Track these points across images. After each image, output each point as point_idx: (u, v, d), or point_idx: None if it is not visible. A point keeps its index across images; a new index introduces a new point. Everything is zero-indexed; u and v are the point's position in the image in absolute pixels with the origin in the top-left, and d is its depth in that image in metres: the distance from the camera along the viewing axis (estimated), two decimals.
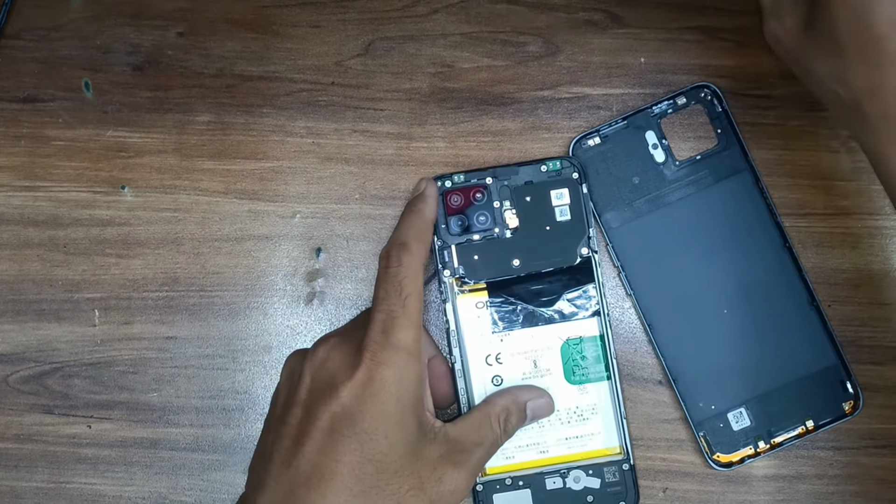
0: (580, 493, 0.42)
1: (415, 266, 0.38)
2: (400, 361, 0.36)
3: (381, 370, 0.35)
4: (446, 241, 0.43)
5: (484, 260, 0.43)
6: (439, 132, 0.45)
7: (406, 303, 0.37)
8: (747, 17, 0.44)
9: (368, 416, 0.35)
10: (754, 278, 0.43)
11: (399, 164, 0.45)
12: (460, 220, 0.43)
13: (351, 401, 0.35)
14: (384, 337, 0.36)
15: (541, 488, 0.42)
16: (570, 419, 0.43)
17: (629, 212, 0.44)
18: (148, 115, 0.45)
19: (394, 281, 0.37)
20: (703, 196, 0.43)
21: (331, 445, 0.35)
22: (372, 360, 0.35)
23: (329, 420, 0.35)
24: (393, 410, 0.35)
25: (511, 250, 0.43)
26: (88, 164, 0.45)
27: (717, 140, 0.44)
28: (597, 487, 0.42)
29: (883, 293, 0.44)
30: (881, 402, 0.43)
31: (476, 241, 0.43)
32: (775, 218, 0.43)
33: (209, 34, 0.46)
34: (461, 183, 0.43)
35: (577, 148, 0.44)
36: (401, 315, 0.37)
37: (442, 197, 0.43)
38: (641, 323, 0.43)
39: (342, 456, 0.34)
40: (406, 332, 0.36)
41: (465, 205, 0.43)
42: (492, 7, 0.45)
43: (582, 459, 0.42)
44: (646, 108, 0.44)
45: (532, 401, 0.41)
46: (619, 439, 0.42)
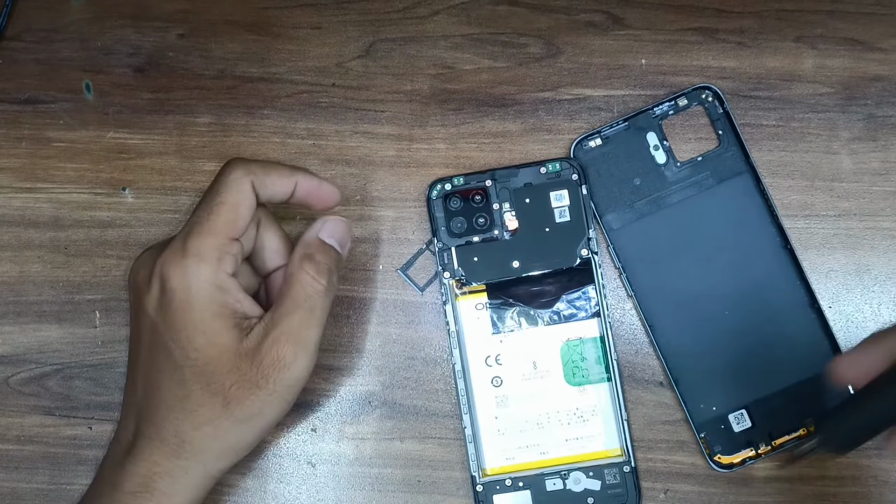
0: (580, 495, 0.42)
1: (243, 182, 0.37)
2: (189, 269, 0.35)
3: (171, 280, 0.35)
4: (446, 243, 0.43)
5: (484, 262, 0.43)
6: (440, 134, 0.45)
7: (214, 209, 0.36)
8: (748, 18, 0.45)
9: (168, 326, 0.36)
10: (755, 280, 0.43)
11: (400, 165, 0.45)
12: (460, 222, 0.43)
13: (153, 313, 0.36)
14: (181, 244, 0.36)
15: (541, 490, 0.42)
16: (571, 420, 0.43)
17: (630, 213, 0.44)
18: (149, 116, 0.45)
19: (214, 187, 0.37)
20: (705, 197, 0.43)
21: (152, 360, 0.36)
22: (162, 270, 0.36)
23: (147, 335, 0.37)
24: (189, 318, 0.35)
25: (511, 252, 0.43)
26: (89, 166, 0.45)
27: (719, 141, 0.44)
28: (597, 489, 0.42)
29: (883, 295, 0.44)
30: None
31: (476, 242, 0.43)
32: (776, 219, 0.43)
33: (210, 36, 0.46)
34: (461, 186, 0.43)
35: (578, 149, 0.44)
36: (204, 221, 0.36)
37: (442, 200, 0.43)
38: (643, 324, 0.43)
39: (161, 365, 0.36)
40: (202, 240, 0.36)
41: (464, 207, 0.43)
42: (492, 9, 0.45)
43: (582, 461, 0.42)
44: (647, 109, 0.44)
45: (322, 230, 0.39)
46: (620, 441, 0.42)
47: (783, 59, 0.44)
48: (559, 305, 0.43)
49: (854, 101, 0.44)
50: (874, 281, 0.44)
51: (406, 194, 0.45)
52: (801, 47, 0.44)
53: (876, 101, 0.44)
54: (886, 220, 0.44)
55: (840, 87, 0.44)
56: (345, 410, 0.44)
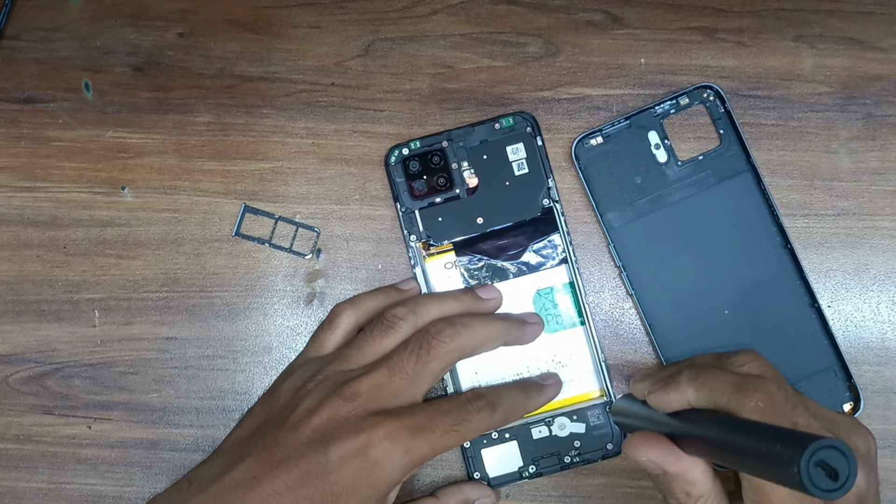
0: (567, 440, 0.43)
1: None
2: (397, 453, 0.36)
3: (378, 451, 0.36)
4: (409, 206, 0.44)
5: (448, 221, 0.44)
6: None
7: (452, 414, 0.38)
8: (747, 17, 0.45)
9: (343, 485, 0.35)
10: (755, 279, 0.43)
11: None
12: (421, 185, 0.43)
13: (337, 461, 0.36)
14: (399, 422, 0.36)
15: (527, 439, 0.43)
16: (549, 367, 0.43)
17: (631, 212, 0.44)
18: (148, 115, 0.45)
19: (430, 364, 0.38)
20: (705, 197, 0.43)
21: (296, 489, 0.35)
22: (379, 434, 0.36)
23: (307, 467, 0.36)
24: (367, 492, 0.36)
25: (474, 209, 0.44)
26: (88, 165, 0.45)
27: (720, 141, 0.44)
28: (582, 432, 0.43)
29: (882, 294, 0.44)
30: (881, 402, 0.43)
31: (438, 203, 0.44)
32: (777, 219, 0.43)
33: (209, 35, 0.46)
34: (418, 149, 0.44)
35: (579, 147, 0.44)
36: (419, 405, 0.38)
37: (401, 164, 0.44)
38: (642, 323, 0.43)
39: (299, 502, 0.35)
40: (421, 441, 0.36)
41: (423, 170, 0.43)
42: (492, 8, 0.45)
43: (565, 406, 0.43)
44: (648, 108, 0.44)
45: (480, 500, 0.42)
46: (600, 382, 0.43)
47: (782, 59, 0.44)
48: (527, 256, 0.44)
49: (853, 100, 0.44)
50: (873, 280, 0.44)
51: None
52: (801, 47, 0.44)
53: (875, 100, 0.44)
54: (885, 219, 0.44)
55: (839, 86, 0.44)
56: None
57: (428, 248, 0.44)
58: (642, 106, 0.44)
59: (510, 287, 0.43)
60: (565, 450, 0.43)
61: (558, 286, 0.44)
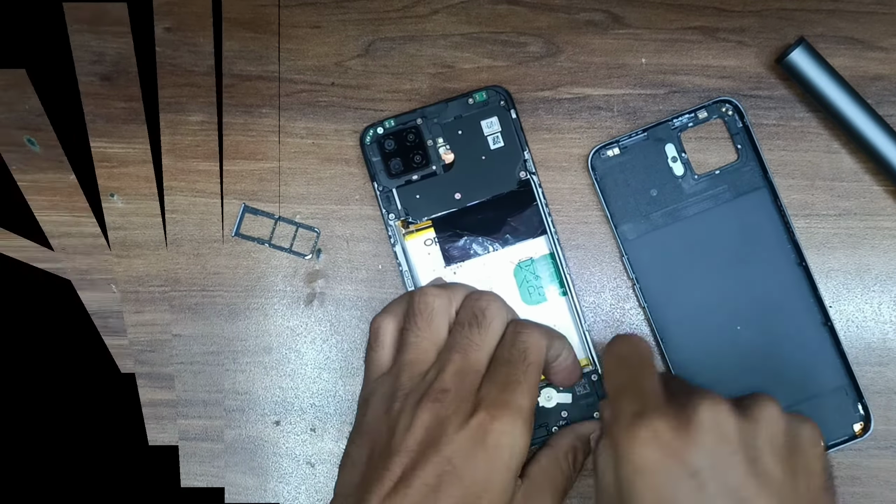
0: (554, 410, 0.43)
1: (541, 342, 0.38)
2: (517, 429, 0.35)
3: (497, 434, 0.34)
4: (387, 185, 0.44)
5: (426, 198, 0.44)
6: None
7: (528, 370, 0.36)
8: (748, 17, 0.44)
9: (478, 480, 0.34)
10: (768, 296, 0.43)
11: None
12: (397, 163, 0.43)
13: (460, 460, 0.34)
14: (504, 397, 0.35)
15: None
16: None
17: (646, 224, 0.43)
18: (126, 125, 0.45)
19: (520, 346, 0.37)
20: (721, 211, 0.43)
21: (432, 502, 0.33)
22: (490, 417, 0.34)
23: (435, 476, 0.34)
24: (501, 478, 0.34)
25: (451, 185, 0.44)
26: (61, 199, 0.45)
27: (738, 155, 0.43)
28: (569, 402, 0.43)
29: (884, 294, 0.44)
30: (883, 402, 0.43)
31: (415, 181, 0.44)
32: (792, 236, 0.43)
33: (198, 30, 0.45)
34: (392, 128, 0.44)
35: (595, 158, 0.43)
36: (522, 381, 0.36)
37: (377, 144, 0.44)
38: (654, 337, 0.43)
39: None
40: (526, 399, 0.35)
41: (399, 148, 0.43)
42: (492, 7, 0.45)
43: None
44: (666, 120, 0.43)
45: (595, 433, 0.41)
46: (585, 351, 0.43)
47: None
48: (506, 229, 0.44)
49: None
50: (875, 280, 0.44)
51: None
52: None
53: (876, 100, 0.44)
54: (887, 219, 0.44)
55: None
56: (344, 410, 0.44)
57: (407, 227, 0.44)
58: (662, 118, 0.44)
59: (491, 260, 0.44)
60: (553, 420, 0.43)
61: (538, 258, 0.44)
